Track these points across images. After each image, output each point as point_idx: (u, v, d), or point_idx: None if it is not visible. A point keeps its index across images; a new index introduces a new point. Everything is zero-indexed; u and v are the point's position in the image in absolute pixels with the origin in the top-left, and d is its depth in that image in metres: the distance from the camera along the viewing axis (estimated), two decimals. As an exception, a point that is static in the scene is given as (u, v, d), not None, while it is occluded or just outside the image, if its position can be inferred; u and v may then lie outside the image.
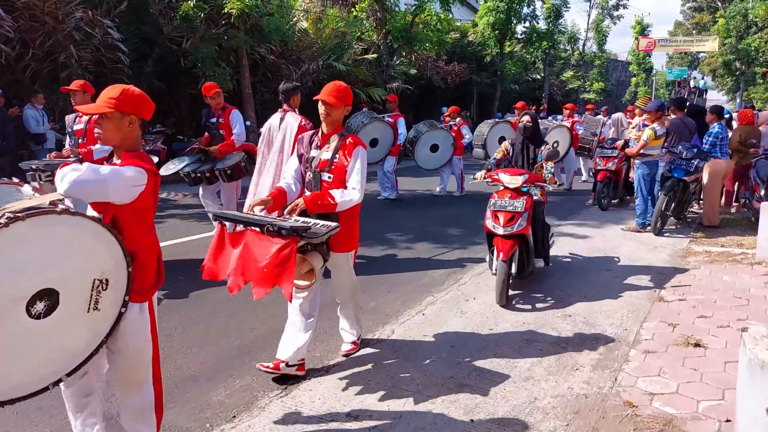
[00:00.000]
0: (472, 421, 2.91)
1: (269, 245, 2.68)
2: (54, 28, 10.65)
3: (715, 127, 7.65)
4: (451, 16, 21.53)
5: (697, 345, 3.75)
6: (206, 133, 6.56)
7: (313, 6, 18.43)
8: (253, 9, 13.35)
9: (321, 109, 3.29)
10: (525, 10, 26.16)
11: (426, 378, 3.38)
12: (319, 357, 3.70)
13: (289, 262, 2.65)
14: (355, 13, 19.10)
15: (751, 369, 2.29)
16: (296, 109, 5.54)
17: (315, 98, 3.28)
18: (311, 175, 3.37)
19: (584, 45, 39.87)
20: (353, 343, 3.77)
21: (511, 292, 4.77)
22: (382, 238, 7.06)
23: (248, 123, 14.64)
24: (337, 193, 3.21)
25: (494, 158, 5.31)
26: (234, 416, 2.98)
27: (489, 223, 4.67)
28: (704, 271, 5.56)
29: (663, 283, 5.18)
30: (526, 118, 5.17)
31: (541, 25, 28.28)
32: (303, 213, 3.15)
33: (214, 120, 6.44)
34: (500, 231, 4.54)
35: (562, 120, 11.87)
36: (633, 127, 8.44)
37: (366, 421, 2.92)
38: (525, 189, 4.78)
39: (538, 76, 30.75)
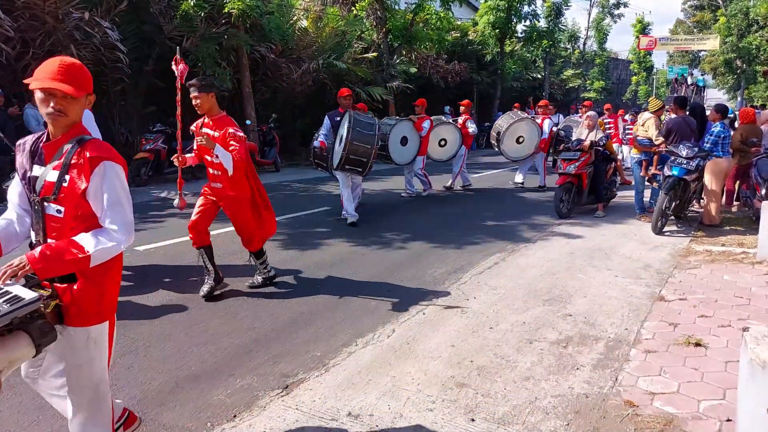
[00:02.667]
0: (472, 420, 2.91)
1: None
2: (54, 28, 10.66)
3: (716, 126, 7.63)
4: (451, 14, 21.51)
5: (697, 344, 3.75)
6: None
7: (313, 5, 18.42)
8: (253, 8, 13.34)
9: (49, 104, 2.04)
10: (525, 8, 26.16)
11: (426, 377, 3.38)
12: (320, 357, 3.70)
13: None
14: (355, 11, 19.09)
15: (752, 368, 2.28)
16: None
17: (32, 87, 2.04)
18: (34, 207, 2.16)
19: (585, 44, 39.89)
20: None
21: (511, 290, 4.75)
22: (381, 237, 7.05)
23: (248, 122, 14.72)
24: (88, 241, 2.05)
25: None
26: (235, 416, 2.98)
27: None
28: (705, 270, 5.56)
29: (663, 283, 5.18)
30: None
31: (542, 23, 28.29)
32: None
33: None
34: None
35: (532, 117, 12.02)
36: (642, 125, 8.39)
37: (366, 420, 2.92)
38: None
39: (539, 75, 30.76)
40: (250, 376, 3.43)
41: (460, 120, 11.18)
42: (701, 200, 8.30)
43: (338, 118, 7.87)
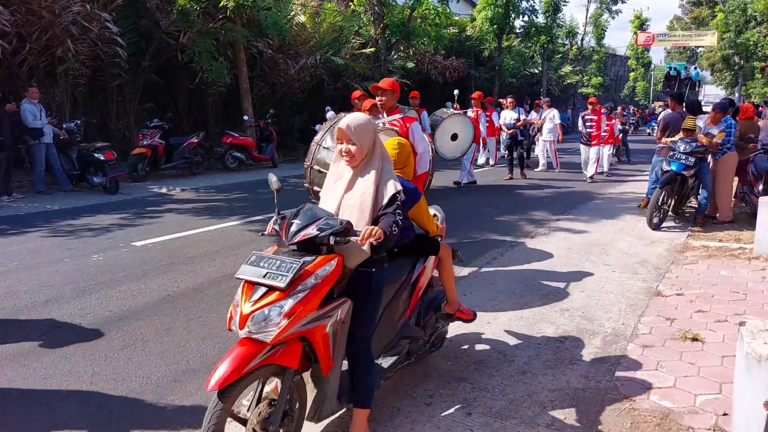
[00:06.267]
0: (469, 414, 2.91)
1: None
2: (51, 22, 10.61)
3: (728, 120, 7.36)
4: (449, 10, 21.44)
5: (694, 339, 3.77)
6: None
7: (310, 0, 18.36)
8: (249, 1, 13.30)
9: None
10: (523, 4, 26.11)
11: (424, 371, 3.38)
12: (318, 351, 3.70)
13: None
14: (352, 7, 19.04)
15: (748, 363, 2.29)
16: None
17: None
18: None
19: (582, 39, 39.81)
20: None
21: (509, 284, 4.73)
22: (380, 232, 7.05)
23: (246, 118, 14.68)
24: None
25: None
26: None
27: None
28: (702, 265, 5.57)
29: (660, 278, 5.19)
30: None
31: (540, 19, 28.22)
32: None
33: None
34: None
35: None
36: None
37: (364, 415, 2.92)
38: None
39: (537, 71, 30.70)
40: (249, 370, 3.42)
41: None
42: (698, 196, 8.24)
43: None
